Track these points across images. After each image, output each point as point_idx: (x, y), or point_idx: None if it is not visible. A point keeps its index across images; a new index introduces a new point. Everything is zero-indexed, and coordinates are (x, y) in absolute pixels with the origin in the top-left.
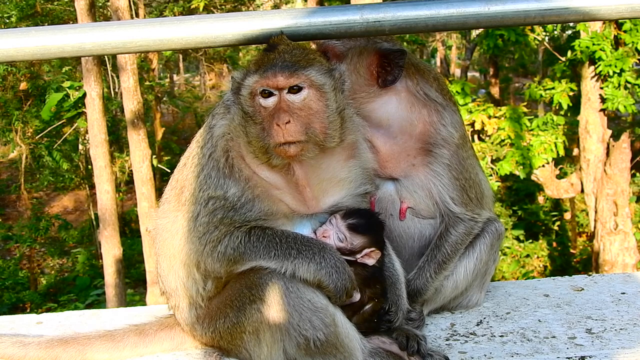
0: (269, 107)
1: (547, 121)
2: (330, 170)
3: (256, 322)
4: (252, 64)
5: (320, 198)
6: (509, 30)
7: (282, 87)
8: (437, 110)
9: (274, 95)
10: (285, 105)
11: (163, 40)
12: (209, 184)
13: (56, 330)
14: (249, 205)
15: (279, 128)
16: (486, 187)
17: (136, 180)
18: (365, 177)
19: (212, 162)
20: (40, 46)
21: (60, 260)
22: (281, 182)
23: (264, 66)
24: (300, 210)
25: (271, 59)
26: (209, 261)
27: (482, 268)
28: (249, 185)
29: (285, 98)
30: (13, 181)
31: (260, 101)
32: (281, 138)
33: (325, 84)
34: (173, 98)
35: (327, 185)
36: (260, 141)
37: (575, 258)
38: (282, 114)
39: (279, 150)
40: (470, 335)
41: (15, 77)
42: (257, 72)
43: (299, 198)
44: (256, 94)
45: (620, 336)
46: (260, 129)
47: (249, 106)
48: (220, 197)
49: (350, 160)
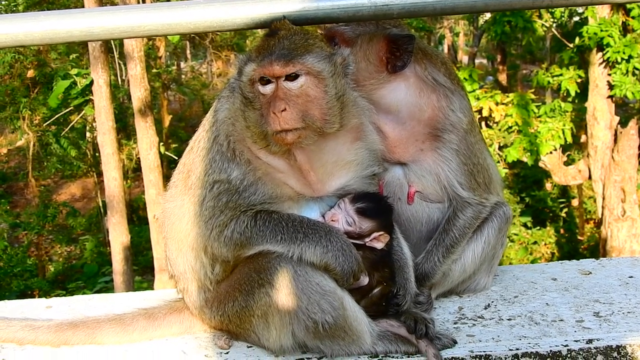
0: (267, 94)
1: (555, 108)
2: (336, 154)
3: (265, 306)
4: (254, 50)
5: (326, 181)
6: (517, 17)
7: (278, 75)
8: (445, 95)
9: (271, 82)
10: (282, 92)
11: (171, 24)
12: (213, 167)
13: (65, 314)
14: (252, 188)
15: (275, 116)
16: (494, 172)
17: (144, 167)
18: (372, 159)
19: (216, 145)
20: (49, 30)
21: (68, 247)
22: (284, 166)
23: (263, 53)
24: (305, 192)
25: (270, 46)
26: (216, 245)
27: (490, 252)
28: (250, 169)
29: (282, 85)
30: (21, 169)
31: (258, 88)
32: (277, 126)
33: (324, 70)
34: (180, 85)
35: (333, 168)
36: (259, 127)
37: (582, 245)
38: (278, 102)
39: (276, 138)
40: (478, 318)
41: (22, 64)
42: (256, 59)
43: (303, 181)
44: (255, 81)
45: (627, 319)
46: (259, 115)
47: (248, 92)
48: (224, 180)
49: (356, 143)
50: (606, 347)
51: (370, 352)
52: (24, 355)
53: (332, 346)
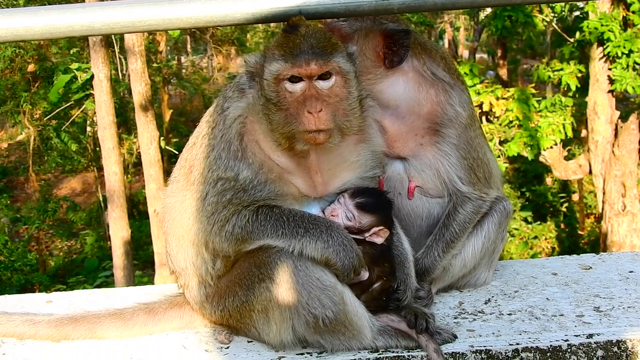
0: (296, 93)
1: (555, 102)
2: (342, 155)
3: (265, 301)
4: (276, 48)
5: (330, 182)
6: (517, 11)
7: (314, 74)
8: (444, 89)
9: (302, 81)
10: (315, 92)
11: (172, 19)
12: (218, 164)
13: (66, 309)
14: (260, 187)
15: (311, 115)
16: (494, 167)
17: (144, 162)
18: (375, 161)
19: (223, 143)
20: (50, 25)
21: (68, 242)
22: (294, 167)
23: (292, 51)
24: (309, 193)
25: (297, 44)
26: (217, 240)
27: (490, 246)
28: (262, 170)
29: (314, 85)
30: (21, 163)
31: (287, 87)
32: (313, 125)
33: (350, 70)
34: (181, 80)
35: (337, 169)
36: (284, 127)
37: (583, 240)
38: (314, 102)
39: (307, 137)
40: (478, 313)
41: (23, 59)
42: (284, 57)
43: (309, 183)
44: (282, 80)
45: (628, 314)
46: (285, 115)
47: (272, 91)
48: (230, 178)
49: (360, 144)
50: (606, 341)
51: (370, 347)
52: (24, 350)
53: (332, 341)
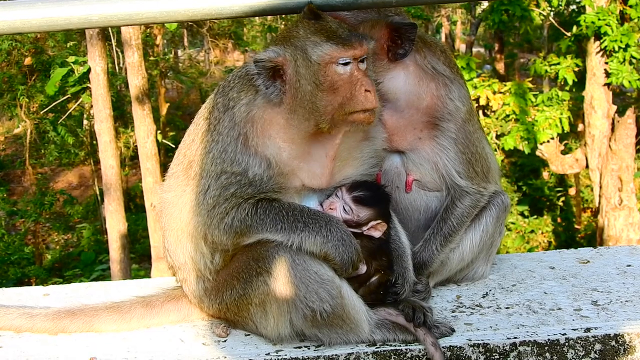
0: (346, 75)
1: (552, 96)
2: (353, 146)
3: (263, 294)
4: (313, 34)
5: (336, 174)
6: (514, 5)
7: (362, 55)
8: (444, 84)
9: (350, 63)
10: (363, 73)
11: (169, 12)
12: (223, 158)
13: (63, 302)
14: (267, 180)
15: (369, 94)
16: (492, 161)
17: (141, 155)
18: (376, 159)
19: (229, 138)
20: (47, 18)
21: (65, 235)
22: (309, 155)
23: (337, 35)
24: (313, 185)
25: (336, 29)
26: (216, 233)
27: (488, 240)
28: (272, 164)
29: (359, 67)
30: (18, 156)
31: (337, 69)
32: (370, 104)
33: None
34: (178, 74)
35: (343, 163)
36: (336, 109)
37: (579, 234)
38: (367, 80)
39: (361, 117)
40: (476, 307)
41: (19, 52)
42: (332, 41)
43: (319, 172)
44: (332, 63)
45: (625, 308)
46: (335, 97)
47: (321, 76)
48: (237, 172)
49: (363, 142)
50: (604, 335)
51: (368, 340)
52: (21, 343)
53: (330, 334)
